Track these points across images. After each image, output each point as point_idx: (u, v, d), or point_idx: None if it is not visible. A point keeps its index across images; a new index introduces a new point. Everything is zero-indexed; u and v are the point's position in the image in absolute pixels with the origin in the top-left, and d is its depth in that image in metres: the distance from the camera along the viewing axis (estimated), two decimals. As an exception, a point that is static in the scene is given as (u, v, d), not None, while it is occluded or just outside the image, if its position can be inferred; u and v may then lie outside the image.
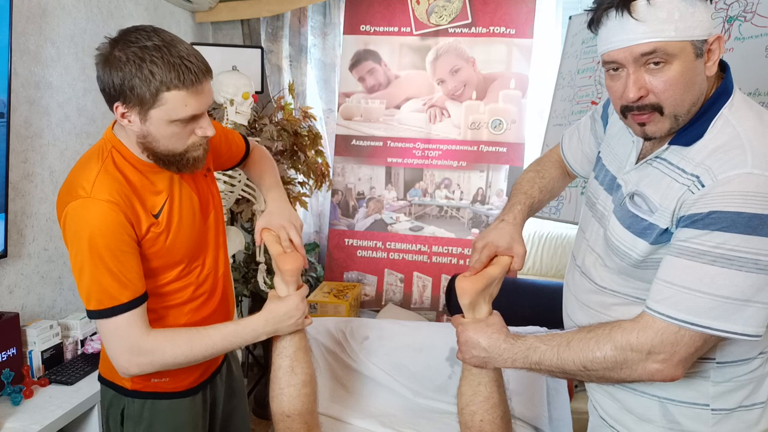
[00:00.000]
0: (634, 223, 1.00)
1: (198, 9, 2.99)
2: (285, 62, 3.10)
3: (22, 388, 1.63)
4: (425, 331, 2.14)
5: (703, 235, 0.88)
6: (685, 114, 0.94)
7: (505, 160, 2.81)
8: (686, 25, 0.89)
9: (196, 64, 1.06)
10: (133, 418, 1.26)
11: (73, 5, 2.12)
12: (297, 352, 1.29)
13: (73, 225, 1.07)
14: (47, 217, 2.01)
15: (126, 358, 1.12)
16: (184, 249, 1.22)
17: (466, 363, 1.17)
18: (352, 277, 2.94)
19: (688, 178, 0.93)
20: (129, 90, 1.03)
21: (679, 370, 0.92)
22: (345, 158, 2.97)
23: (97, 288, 1.08)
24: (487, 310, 1.20)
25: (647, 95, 0.93)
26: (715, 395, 1.00)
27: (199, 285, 1.28)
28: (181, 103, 1.06)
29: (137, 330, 1.11)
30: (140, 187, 1.14)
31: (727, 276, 0.86)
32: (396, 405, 1.97)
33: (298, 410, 1.27)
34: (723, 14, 1.80)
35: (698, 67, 0.92)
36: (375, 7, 2.92)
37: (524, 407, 1.87)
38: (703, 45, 0.91)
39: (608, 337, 0.95)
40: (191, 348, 1.15)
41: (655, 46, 0.89)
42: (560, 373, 1.01)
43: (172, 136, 1.10)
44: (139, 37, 1.04)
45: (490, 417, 1.19)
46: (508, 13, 2.79)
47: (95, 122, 2.22)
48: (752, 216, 0.85)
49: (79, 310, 2.16)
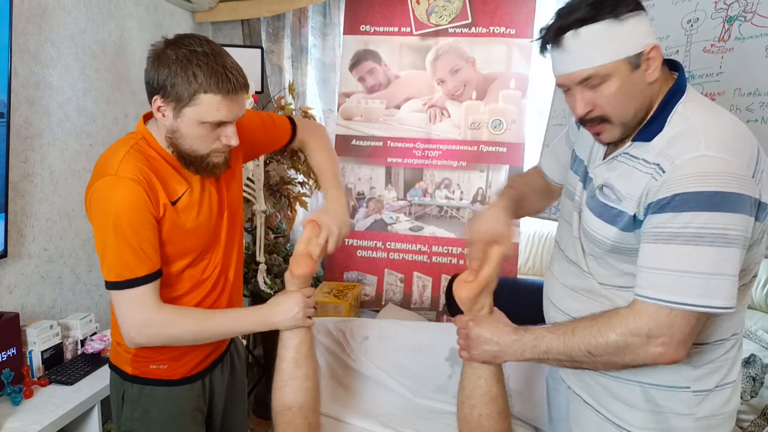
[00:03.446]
0: (604, 212, 1.08)
1: (198, 9, 2.99)
2: (287, 62, 3.10)
3: (22, 388, 1.64)
4: (425, 331, 2.14)
5: (673, 218, 0.94)
6: (631, 119, 1.03)
7: (505, 160, 2.81)
8: (614, 47, 0.97)
9: (236, 77, 1.14)
10: (131, 403, 1.31)
11: (73, 5, 2.12)
12: (301, 345, 1.31)
13: (99, 201, 1.15)
14: (47, 217, 2.01)
15: (136, 329, 1.19)
16: (196, 241, 1.26)
17: (473, 360, 1.18)
18: (352, 277, 2.94)
19: (650, 167, 1.00)
20: (170, 86, 1.12)
21: (680, 352, 0.96)
22: (345, 158, 2.97)
23: (117, 261, 1.15)
24: (488, 303, 1.23)
25: (594, 109, 1.03)
26: (696, 378, 1.06)
27: (202, 281, 1.30)
28: (213, 107, 1.13)
29: (150, 302, 1.18)
30: (163, 173, 1.21)
31: (701, 252, 0.92)
32: (396, 405, 1.97)
33: (300, 403, 1.28)
34: (723, 14, 1.80)
35: (636, 78, 1.00)
36: (375, 7, 2.92)
37: (524, 407, 1.87)
38: (638, 58, 0.98)
39: (608, 323, 1.00)
40: (198, 324, 1.23)
41: (589, 72, 0.99)
42: (568, 362, 1.05)
43: (199, 137, 1.17)
44: (192, 42, 1.14)
45: (488, 411, 1.21)
46: (508, 13, 2.79)
47: (95, 122, 2.21)
48: (713, 194, 0.91)
49: (79, 310, 2.16)
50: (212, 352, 1.39)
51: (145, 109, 2.80)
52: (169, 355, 1.30)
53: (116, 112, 2.33)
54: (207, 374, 1.39)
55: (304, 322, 1.28)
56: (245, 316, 1.29)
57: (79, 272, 2.18)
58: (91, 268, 2.24)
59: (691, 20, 1.87)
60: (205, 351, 1.36)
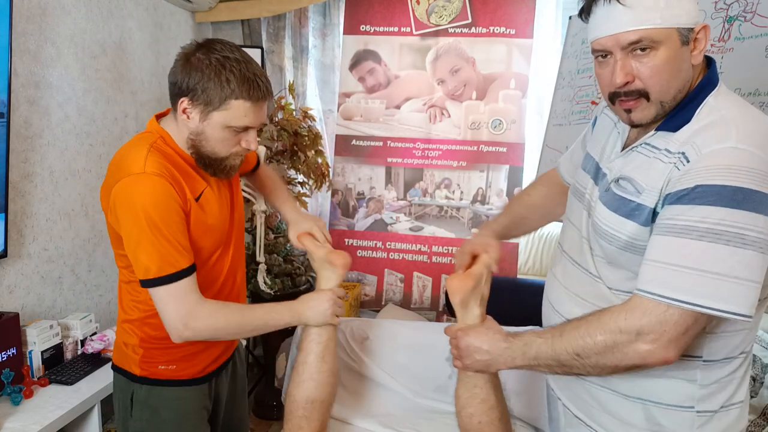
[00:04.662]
0: (621, 206, 1.00)
1: (198, 9, 2.99)
2: (288, 62, 3.10)
3: (22, 388, 1.63)
4: (425, 331, 2.13)
5: (689, 210, 0.88)
6: (670, 100, 0.96)
7: (505, 160, 2.81)
8: (672, 13, 0.91)
9: (265, 84, 1.18)
10: (141, 404, 1.30)
11: (73, 5, 2.12)
12: (329, 341, 1.33)
13: (126, 200, 1.14)
14: (47, 217, 2.01)
15: (184, 322, 1.17)
16: (213, 239, 1.28)
17: (467, 370, 1.15)
18: (352, 277, 2.94)
19: (673, 156, 0.94)
20: (202, 90, 1.13)
21: (670, 352, 0.90)
22: (345, 158, 2.97)
23: (156, 256, 1.13)
24: (479, 312, 1.21)
25: (634, 81, 0.95)
26: (701, 397, 1.00)
27: (214, 279, 1.31)
28: (242, 113, 1.16)
29: (194, 295, 1.18)
30: (183, 171, 1.21)
31: (714, 251, 0.85)
32: (396, 405, 1.97)
33: (322, 398, 1.30)
34: (723, 14, 1.80)
35: (684, 55, 0.94)
36: (375, 7, 2.92)
37: (524, 407, 1.87)
38: (689, 33, 0.93)
39: (598, 322, 0.95)
40: (241, 316, 1.24)
41: (641, 34, 0.91)
42: (558, 367, 1.00)
43: (223, 140, 1.19)
44: (223, 48, 1.15)
45: (488, 418, 1.19)
46: (508, 13, 2.79)
47: (95, 122, 2.21)
48: (736, 189, 0.84)
49: (79, 310, 2.16)
50: (222, 354, 1.39)
51: (146, 109, 2.80)
52: (178, 356, 1.29)
53: (116, 112, 2.33)
54: (215, 376, 1.39)
55: (332, 320, 1.31)
56: (280, 311, 1.29)
57: (79, 272, 2.18)
58: (91, 268, 2.24)
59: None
60: (216, 352, 1.36)
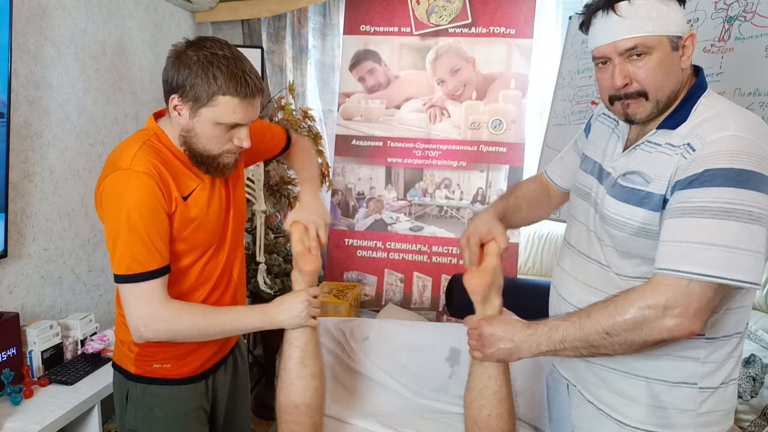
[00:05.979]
0: (631, 196, 1.09)
1: (198, 9, 2.99)
2: (288, 62, 3.10)
3: (22, 388, 1.63)
4: (425, 331, 2.14)
5: (700, 192, 0.97)
6: (665, 99, 1.07)
7: (505, 160, 2.81)
8: (662, 22, 1.03)
9: (254, 81, 1.17)
10: (135, 402, 1.31)
11: (73, 5, 2.12)
12: (307, 344, 1.31)
13: (111, 195, 1.16)
14: (47, 217, 2.01)
15: (144, 322, 1.18)
16: (204, 237, 1.28)
17: (487, 360, 1.18)
18: (352, 277, 2.94)
19: (678, 148, 1.04)
20: (190, 86, 1.14)
21: (696, 324, 0.97)
22: (345, 158, 2.97)
23: (128, 254, 1.15)
24: (499, 302, 1.24)
25: (631, 83, 1.07)
26: (704, 374, 1.08)
27: (208, 278, 1.31)
28: (230, 109, 1.16)
29: (158, 297, 1.18)
30: (175, 169, 1.22)
31: (726, 227, 0.94)
32: (396, 405, 1.97)
33: (307, 402, 1.29)
34: (723, 14, 1.80)
35: (674, 59, 1.06)
36: (375, 7, 2.92)
37: (524, 407, 1.87)
38: (678, 40, 1.05)
39: (625, 300, 1.01)
40: (204, 320, 1.23)
41: (636, 41, 1.04)
42: (584, 348, 1.05)
43: (213, 137, 1.19)
44: (213, 45, 1.16)
45: (497, 411, 1.21)
46: (508, 13, 2.79)
47: (95, 122, 2.21)
48: (740, 171, 0.95)
49: (79, 310, 2.16)
50: (217, 352, 1.39)
51: (146, 109, 2.80)
52: (173, 354, 1.30)
53: (116, 112, 2.33)
54: (211, 374, 1.39)
55: (308, 322, 1.29)
56: (250, 314, 1.29)
57: (79, 272, 2.18)
58: (91, 268, 2.24)
59: (691, 20, 1.87)
60: (211, 350, 1.36)
